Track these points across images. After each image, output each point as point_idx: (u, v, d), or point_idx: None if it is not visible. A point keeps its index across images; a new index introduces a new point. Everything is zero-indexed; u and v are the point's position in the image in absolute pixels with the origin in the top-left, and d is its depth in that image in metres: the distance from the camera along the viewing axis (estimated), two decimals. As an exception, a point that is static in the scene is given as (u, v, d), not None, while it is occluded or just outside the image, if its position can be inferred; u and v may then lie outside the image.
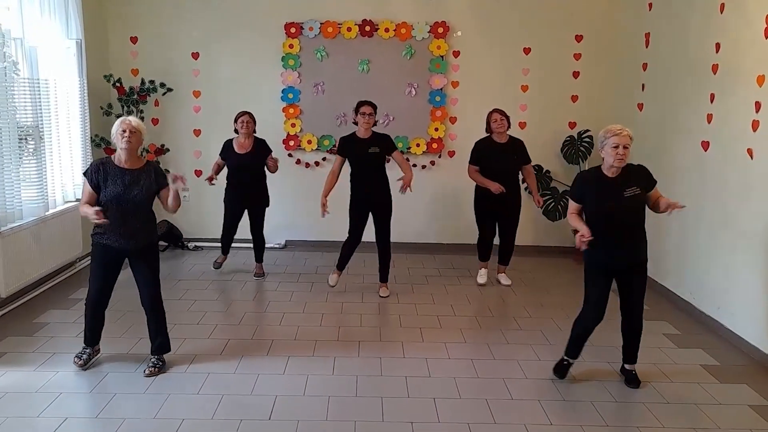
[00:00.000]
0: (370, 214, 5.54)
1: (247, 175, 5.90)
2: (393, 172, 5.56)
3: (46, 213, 5.51)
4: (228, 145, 5.96)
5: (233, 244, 6.34)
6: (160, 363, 4.13)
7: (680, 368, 4.32)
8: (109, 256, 3.96)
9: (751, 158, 4.58)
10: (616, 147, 3.66)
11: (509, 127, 5.77)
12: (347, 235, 5.59)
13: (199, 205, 6.97)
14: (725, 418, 3.66)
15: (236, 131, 5.91)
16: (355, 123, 5.39)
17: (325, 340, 4.67)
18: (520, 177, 5.98)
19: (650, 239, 6.12)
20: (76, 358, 4.11)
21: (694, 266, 5.35)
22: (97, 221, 3.74)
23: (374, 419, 3.56)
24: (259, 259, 6.28)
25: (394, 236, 7.19)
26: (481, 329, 4.97)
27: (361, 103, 5.34)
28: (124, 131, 3.83)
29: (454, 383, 4.01)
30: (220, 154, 6.00)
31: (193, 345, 4.51)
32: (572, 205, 3.95)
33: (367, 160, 5.34)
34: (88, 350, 4.15)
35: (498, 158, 5.72)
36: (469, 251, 6.27)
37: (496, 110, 5.74)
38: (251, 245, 6.27)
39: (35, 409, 3.58)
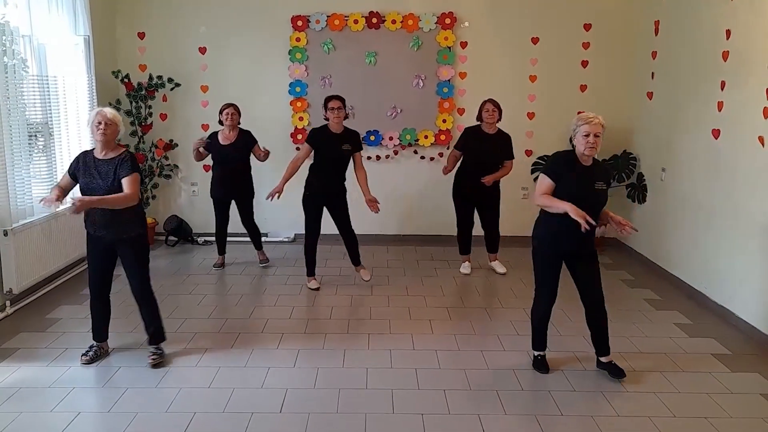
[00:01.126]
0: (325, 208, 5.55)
1: (230, 166, 5.94)
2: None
3: (57, 209, 5.51)
4: (213, 136, 6.01)
5: (238, 239, 6.36)
6: (159, 351, 4.17)
7: (692, 357, 4.30)
8: (94, 245, 4.02)
9: (763, 146, 4.54)
10: (587, 135, 3.64)
11: (500, 119, 5.78)
12: (305, 234, 5.57)
13: (208, 200, 6.98)
14: (737, 408, 3.64)
15: (221, 123, 5.97)
16: (326, 119, 5.38)
17: (335, 333, 4.68)
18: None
19: (661, 228, 6.11)
20: (82, 356, 4.13)
21: (705, 255, 5.31)
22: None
23: (385, 411, 3.57)
24: (258, 246, 6.35)
25: (405, 228, 7.26)
26: (490, 320, 4.97)
27: (328, 98, 5.34)
28: (99, 123, 3.82)
29: (464, 374, 4.01)
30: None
31: (204, 339, 4.54)
32: (546, 184, 3.79)
33: (338, 156, 5.35)
34: (94, 347, 4.18)
35: (482, 148, 5.77)
36: (481, 243, 6.25)
37: (489, 100, 5.76)
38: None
39: (48, 404, 3.61)
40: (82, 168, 3.90)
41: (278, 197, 5.36)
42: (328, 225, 5.59)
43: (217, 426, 3.41)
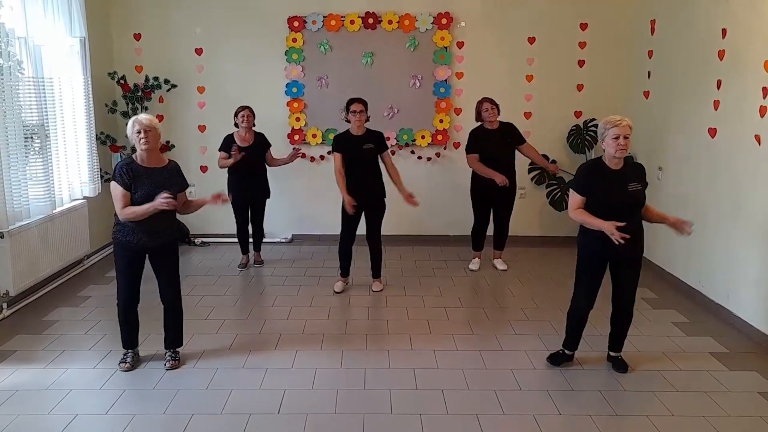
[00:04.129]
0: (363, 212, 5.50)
1: (248, 167, 5.99)
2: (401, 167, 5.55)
3: (54, 211, 5.53)
4: (229, 139, 6.04)
5: (234, 240, 6.41)
6: (177, 356, 4.17)
7: (689, 356, 4.31)
8: (133, 254, 3.93)
9: (759, 144, 4.55)
10: (617, 138, 3.64)
11: (498, 114, 5.87)
12: (341, 238, 5.53)
13: (205, 200, 6.98)
14: (735, 406, 3.64)
15: (236, 125, 6.03)
16: (347, 121, 5.37)
17: (333, 334, 4.67)
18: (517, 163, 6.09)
19: (659, 227, 6.11)
20: (121, 363, 4.08)
21: (702, 254, 5.32)
22: (167, 206, 3.75)
23: (383, 411, 3.57)
24: (257, 248, 6.45)
25: (399, 228, 7.25)
26: (488, 320, 4.97)
27: (351, 101, 5.32)
28: (140, 132, 3.79)
29: (462, 374, 4.01)
30: (220, 149, 6.05)
31: (202, 340, 4.53)
32: (577, 200, 3.81)
33: (361, 156, 5.32)
34: (130, 353, 4.13)
35: (494, 145, 5.85)
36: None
37: (485, 99, 5.84)
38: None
39: (46, 406, 3.60)
40: (138, 177, 3.82)
41: (354, 208, 5.30)
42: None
43: (215, 427, 3.41)
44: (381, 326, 4.83)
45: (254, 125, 6.09)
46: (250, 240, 6.42)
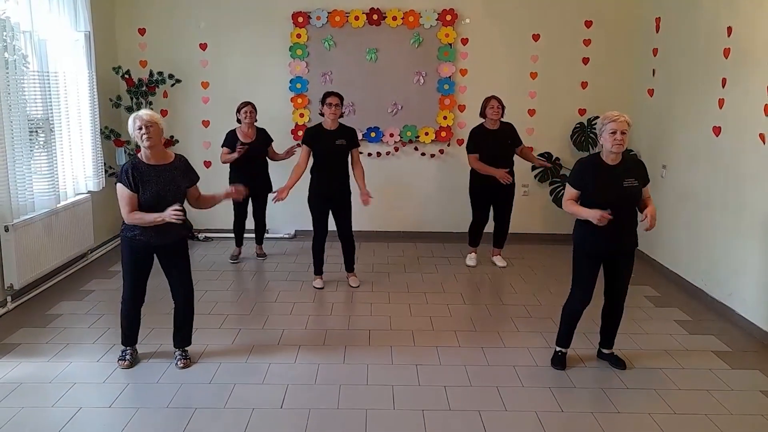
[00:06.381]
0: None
1: (250, 163, 6.01)
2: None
3: (58, 205, 5.54)
4: (231, 134, 6.07)
5: (244, 235, 6.43)
6: (188, 354, 4.14)
7: (691, 354, 4.31)
8: (141, 252, 3.86)
9: (764, 143, 4.54)
10: (614, 133, 3.64)
11: (503, 116, 5.87)
12: (313, 235, 5.54)
13: (208, 196, 6.96)
14: (737, 404, 3.65)
15: (239, 121, 6.06)
16: (321, 114, 5.34)
17: (336, 330, 4.68)
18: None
19: (661, 225, 6.10)
20: (120, 361, 4.05)
21: (705, 252, 5.32)
22: (177, 220, 3.64)
23: (385, 407, 3.58)
24: (259, 241, 6.56)
25: (405, 226, 7.26)
26: (491, 317, 4.97)
27: (327, 94, 5.29)
28: (141, 128, 3.68)
29: (464, 371, 4.02)
30: (223, 145, 6.08)
31: (205, 335, 4.54)
32: (571, 192, 3.86)
33: (333, 152, 5.30)
34: (129, 350, 4.10)
35: (493, 144, 5.87)
36: (487, 239, 6.31)
37: (494, 97, 5.84)
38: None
39: (50, 400, 3.62)
40: (144, 177, 3.73)
41: (278, 200, 5.25)
42: (329, 221, 5.58)
43: (218, 421, 3.42)
44: (384, 322, 4.83)
45: (256, 120, 6.11)
46: (245, 235, 6.46)
